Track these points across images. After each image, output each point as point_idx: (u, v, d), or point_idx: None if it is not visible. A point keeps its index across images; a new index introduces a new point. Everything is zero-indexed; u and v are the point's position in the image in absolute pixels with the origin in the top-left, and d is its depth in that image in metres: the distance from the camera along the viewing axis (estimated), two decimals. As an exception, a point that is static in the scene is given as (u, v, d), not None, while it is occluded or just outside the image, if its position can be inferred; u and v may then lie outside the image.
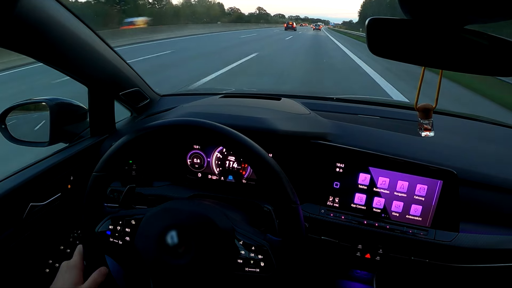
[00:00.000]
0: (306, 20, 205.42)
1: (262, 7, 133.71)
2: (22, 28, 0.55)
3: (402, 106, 1.06)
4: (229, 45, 13.43)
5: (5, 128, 0.85)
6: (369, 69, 7.47)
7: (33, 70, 6.26)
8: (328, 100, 1.08)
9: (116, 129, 0.98)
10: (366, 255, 0.72)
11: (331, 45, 16.37)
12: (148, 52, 9.54)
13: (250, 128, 0.76)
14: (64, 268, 0.58)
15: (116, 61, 0.85)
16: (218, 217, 0.55)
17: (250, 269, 0.52)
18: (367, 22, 0.45)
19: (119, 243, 0.57)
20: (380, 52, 0.47)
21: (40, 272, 0.79)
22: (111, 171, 0.57)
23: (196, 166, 0.86)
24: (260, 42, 16.41)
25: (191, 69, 6.95)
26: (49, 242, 0.80)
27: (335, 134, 0.79)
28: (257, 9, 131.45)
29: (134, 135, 0.55)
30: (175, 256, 0.52)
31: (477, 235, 0.68)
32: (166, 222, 0.53)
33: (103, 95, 0.89)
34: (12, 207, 0.69)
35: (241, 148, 0.53)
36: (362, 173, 0.71)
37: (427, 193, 0.68)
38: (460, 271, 0.69)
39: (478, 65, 0.45)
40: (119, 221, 0.57)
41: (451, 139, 0.83)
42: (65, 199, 0.82)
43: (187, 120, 0.55)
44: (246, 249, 0.53)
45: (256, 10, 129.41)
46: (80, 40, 0.70)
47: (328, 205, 0.75)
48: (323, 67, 8.26)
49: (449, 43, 0.44)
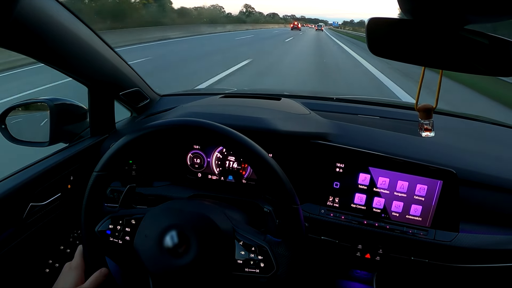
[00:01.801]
0: (302, 19, 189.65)
1: (250, 4, 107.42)
2: (22, 28, 0.55)
3: (402, 106, 1.06)
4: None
5: (5, 128, 0.85)
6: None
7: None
8: (328, 100, 1.08)
9: (116, 129, 0.98)
10: (366, 255, 0.73)
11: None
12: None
13: (250, 128, 0.76)
14: (66, 269, 0.58)
15: (116, 61, 0.85)
16: (218, 217, 0.55)
17: (250, 269, 0.52)
18: (367, 22, 0.45)
19: (119, 243, 0.57)
20: (380, 52, 0.47)
21: (40, 272, 0.79)
22: (112, 170, 0.57)
23: (196, 166, 0.86)
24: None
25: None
26: (49, 242, 0.80)
27: (335, 134, 0.79)
28: (243, 7, 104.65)
29: (134, 135, 0.55)
30: (175, 256, 0.52)
31: (477, 235, 0.68)
32: (166, 222, 0.53)
33: (103, 95, 0.89)
34: (12, 207, 0.69)
35: (241, 148, 0.53)
36: (362, 173, 0.71)
37: (427, 193, 0.68)
38: (460, 271, 0.69)
39: (478, 65, 0.45)
40: (119, 220, 0.57)
41: (451, 139, 0.83)
42: (65, 199, 0.82)
43: (187, 120, 0.55)
44: (246, 250, 0.53)
45: (242, 8, 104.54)
46: (80, 40, 0.70)
47: (328, 205, 0.75)
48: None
49: (449, 43, 0.44)
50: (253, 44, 14.36)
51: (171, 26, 19.60)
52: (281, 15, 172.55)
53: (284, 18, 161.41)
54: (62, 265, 0.61)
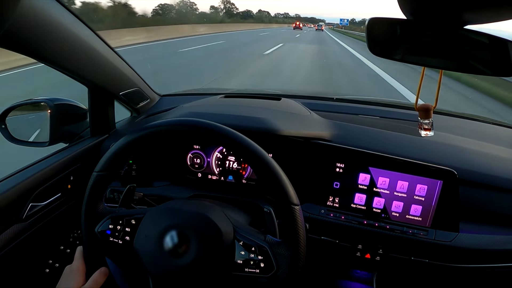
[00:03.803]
0: (297, 18, 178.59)
1: (231, 1, 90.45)
2: (22, 28, 0.55)
3: (402, 106, 1.07)
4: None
5: (5, 128, 0.85)
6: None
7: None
8: (328, 100, 1.09)
9: (116, 129, 0.98)
10: (366, 255, 0.73)
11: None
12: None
13: (250, 128, 0.76)
14: (67, 272, 0.59)
15: (116, 61, 0.85)
16: (218, 217, 0.55)
17: (249, 269, 0.52)
18: (367, 22, 0.45)
19: (119, 243, 0.57)
20: (380, 52, 0.47)
21: (40, 272, 0.79)
22: (112, 170, 0.57)
23: (196, 166, 0.86)
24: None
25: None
26: (49, 242, 0.80)
27: (335, 134, 0.79)
28: (221, 2, 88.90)
29: (134, 135, 0.55)
30: (175, 256, 0.52)
31: (477, 235, 0.68)
32: (166, 222, 0.53)
33: (103, 95, 0.89)
34: (12, 207, 0.69)
35: (241, 148, 0.53)
36: (362, 173, 0.71)
37: (427, 193, 0.68)
38: (460, 271, 0.69)
39: (478, 65, 0.45)
40: (119, 220, 0.57)
41: (451, 139, 0.83)
42: (65, 199, 0.82)
43: (187, 120, 0.55)
44: (246, 250, 0.53)
45: (219, 4, 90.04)
46: (80, 40, 0.70)
47: (328, 205, 0.75)
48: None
49: (449, 43, 0.44)
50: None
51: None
52: (272, 14, 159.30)
53: (276, 17, 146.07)
54: (62, 265, 0.61)
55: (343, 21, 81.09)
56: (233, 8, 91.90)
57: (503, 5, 0.34)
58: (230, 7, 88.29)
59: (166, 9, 45.78)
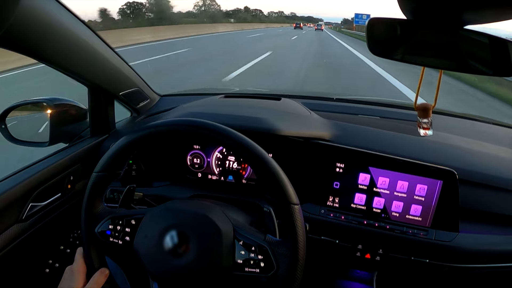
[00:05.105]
0: (293, 17, 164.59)
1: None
2: (22, 28, 0.55)
3: (402, 106, 1.07)
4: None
5: (5, 128, 0.85)
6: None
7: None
8: (328, 100, 1.09)
9: (116, 129, 0.98)
10: (366, 255, 0.72)
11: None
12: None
13: (250, 128, 0.76)
14: (68, 273, 0.58)
15: (116, 61, 0.85)
16: (218, 217, 0.55)
17: (250, 269, 0.52)
18: (367, 22, 0.45)
19: (119, 243, 0.57)
20: (380, 52, 0.47)
21: (40, 272, 0.79)
22: (111, 170, 0.57)
23: (196, 166, 0.85)
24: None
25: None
26: (49, 242, 0.80)
27: (335, 134, 0.79)
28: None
29: (134, 135, 0.55)
30: (175, 256, 0.52)
31: (477, 235, 0.68)
32: (166, 222, 0.53)
33: (103, 95, 0.89)
34: (12, 207, 0.69)
35: (241, 148, 0.53)
36: (362, 173, 0.71)
37: (427, 193, 0.68)
38: (460, 271, 0.69)
39: (478, 65, 0.45)
40: (119, 221, 0.57)
41: (451, 139, 0.83)
42: (65, 199, 0.82)
43: (187, 120, 0.55)
44: (246, 249, 0.53)
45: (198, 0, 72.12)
46: (80, 40, 0.70)
47: (328, 205, 0.75)
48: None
49: (449, 43, 0.44)
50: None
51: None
52: (265, 12, 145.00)
53: (269, 15, 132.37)
54: (62, 265, 0.61)
55: (363, 17, 46.36)
56: (213, 4, 74.81)
57: (503, 5, 0.34)
58: (210, 4, 72.00)
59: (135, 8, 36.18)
